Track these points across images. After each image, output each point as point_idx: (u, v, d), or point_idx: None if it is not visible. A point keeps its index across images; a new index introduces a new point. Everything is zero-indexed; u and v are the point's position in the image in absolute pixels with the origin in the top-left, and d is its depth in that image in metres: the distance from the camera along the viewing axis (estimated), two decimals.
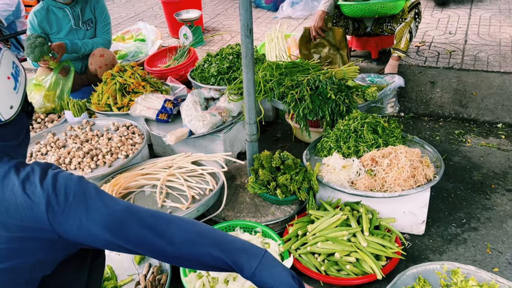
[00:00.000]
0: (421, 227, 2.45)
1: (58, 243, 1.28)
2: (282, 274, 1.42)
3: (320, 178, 2.47)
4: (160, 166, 2.77)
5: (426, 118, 3.74)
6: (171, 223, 1.37)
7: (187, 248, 1.36)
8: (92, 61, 3.75)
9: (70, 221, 1.24)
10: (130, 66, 3.59)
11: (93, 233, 1.27)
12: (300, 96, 2.90)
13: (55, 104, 3.44)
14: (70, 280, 1.48)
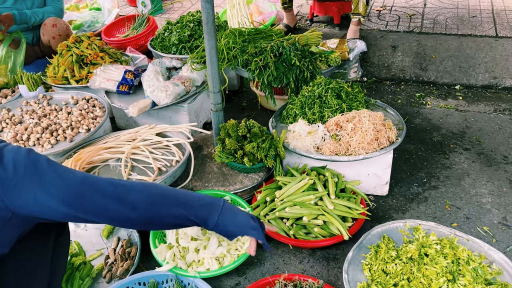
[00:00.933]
0: (385, 188, 2.53)
1: (12, 220, 1.24)
2: (243, 218, 1.55)
3: (286, 145, 2.49)
4: (124, 139, 2.71)
5: (388, 82, 3.81)
6: (131, 189, 1.37)
7: (151, 211, 1.38)
8: (44, 32, 3.55)
9: (23, 196, 1.21)
10: (87, 37, 3.43)
11: (50, 206, 1.24)
12: (264, 63, 2.87)
13: (8, 78, 3.27)
14: (33, 258, 1.45)
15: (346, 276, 1.88)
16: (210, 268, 1.99)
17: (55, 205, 1.25)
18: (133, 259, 2.13)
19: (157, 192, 1.42)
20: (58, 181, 1.25)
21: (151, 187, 1.44)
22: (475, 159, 2.79)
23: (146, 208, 1.37)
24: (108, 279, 2.05)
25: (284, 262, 2.17)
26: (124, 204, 1.34)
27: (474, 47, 3.71)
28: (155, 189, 1.43)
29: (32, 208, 1.23)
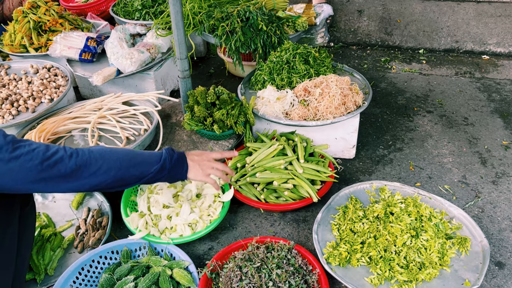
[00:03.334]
0: (352, 151, 2.60)
1: None
2: (181, 166, 1.70)
3: (255, 111, 2.50)
4: (89, 109, 2.64)
5: (355, 47, 3.84)
6: (77, 159, 1.40)
7: (93, 179, 1.44)
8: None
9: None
10: (44, 2, 3.26)
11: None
12: (231, 29, 2.83)
13: None
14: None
15: (316, 237, 1.95)
16: (183, 234, 2.01)
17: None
18: (104, 228, 2.12)
19: (98, 157, 1.45)
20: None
21: (96, 152, 1.46)
22: (437, 121, 2.89)
23: (90, 177, 1.43)
24: (80, 249, 2.04)
25: (256, 225, 2.22)
26: (69, 178, 1.38)
27: (437, 11, 3.77)
28: (100, 154, 1.46)
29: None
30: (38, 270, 1.92)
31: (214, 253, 2.06)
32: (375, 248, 1.85)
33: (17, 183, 1.30)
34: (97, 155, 1.45)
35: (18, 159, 1.29)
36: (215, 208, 2.14)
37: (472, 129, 2.80)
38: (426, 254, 1.82)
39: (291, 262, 1.82)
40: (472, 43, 3.68)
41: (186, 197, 2.15)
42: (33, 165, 1.30)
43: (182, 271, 1.83)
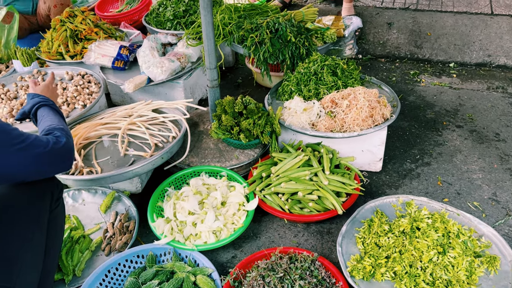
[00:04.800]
0: (379, 164, 2.58)
1: None
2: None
3: (282, 122, 2.51)
4: (120, 115, 2.71)
5: (383, 59, 3.81)
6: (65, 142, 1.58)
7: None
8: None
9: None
10: (81, 11, 3.39)
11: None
12: (260, 40, 2.86)
13: (1, 53, 3.23)
14: (28, 230, 1.49)
15: (340, 249, 1.94)
16: (207, 241, 2.04)
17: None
18: (131, 232, 2.17)
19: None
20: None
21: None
22: (467, 136, 2.83)
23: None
24: (107, 252, 2.09)
25: (280, 236, 2.22)
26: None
27: (469, 25, 3.72)
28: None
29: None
30: (66, 271, 1.98)
31: (237, 262, 2.07)
32: (400, 263, 1.82)
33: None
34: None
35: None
36: (239, 216, 2.15)
37: (504, 146, 2.73)
38: (453, 272, 1.78)
39: (314, 274, 1.81)
40: (505, 58, 3.60)
41: (211, 204, 2.18)
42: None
43: (206, 278, 1.84)
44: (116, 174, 2.21)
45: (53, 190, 1.65)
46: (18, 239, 1.46)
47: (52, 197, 1.65)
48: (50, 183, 1.65)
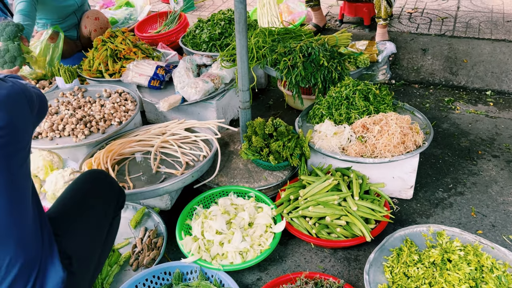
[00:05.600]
0: (409, 191, 2.53)
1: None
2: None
3: (312, 145, 2.52)
4: (154, 133, 2.79)
5: (417, 85, 3.77)
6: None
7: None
8: (87, 24, 3.69)
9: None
10: (121, 32, 3.54)
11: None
12: (293, 63, 2.90)
13: (46, 70, 3.40)
14: (95, 218, 1.66)
15: (367, 277, 1.90)
16: (233, 262, 2.04)
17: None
18: (159, 249, 2.20)
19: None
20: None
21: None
22: (503, 167, 2.75)
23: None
24: (135, 267, 2.13)
25: (306, 260, 2.21)
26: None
27: (508, 53, 3.64)
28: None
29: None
30: (95, 284, 2.02)
31: (262, 284, 2.06)
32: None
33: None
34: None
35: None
36: (266, 238, 2.15)
37: None
38: None
39: None
40: None
41: (239, 224, 2.19)
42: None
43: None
44: (147, 191, 2.27)
45: (118, 198, 1.82)
46: (86, 222, 1.63)
47: (117, 204, 1.81)
48: (117, 191, 1.83)
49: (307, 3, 4.14)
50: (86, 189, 1.73)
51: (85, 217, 1.64)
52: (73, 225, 1.58)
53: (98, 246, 1.67)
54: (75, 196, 1.69)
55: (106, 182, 1.80)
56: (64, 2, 3.63)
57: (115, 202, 1.79)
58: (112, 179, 1.86)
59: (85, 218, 1.64)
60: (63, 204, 1.65)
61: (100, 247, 1.68)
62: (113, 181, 1.85)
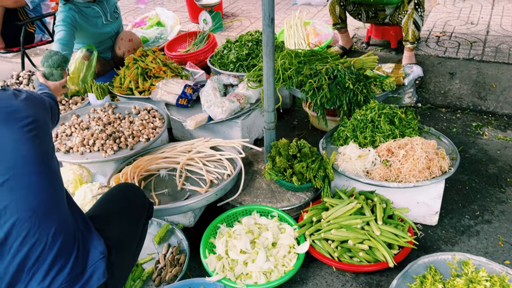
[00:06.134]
0: (434, 217, 2.49)
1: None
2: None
3: (335, 167, 2.52)
4: (180, 150, 2.85)
5: (444, 109, 3.74)
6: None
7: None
8: (121, 46, 3.84)
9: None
10: (152, 51, 3.66)
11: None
12: (318, 85, 2.93)
13: (79, 86, 3.53)
14: (130, 220, 1.84)
15: None
16: (258, 282, 2.05)
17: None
18: (181, 266, 2.23)
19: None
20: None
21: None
22: None
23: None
24: (157, 282, 2.16)
25: (327, 283, 2.19)
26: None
27: None
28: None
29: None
30: None
31: None
32: None
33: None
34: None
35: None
36: (290, 259, 2.15)
37: None
38: None
39: None
40: None
41: (263, 244, 2.20)
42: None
43: None
44: (172, 207, 2.31)
45: (148, 208, 1.98)
46: (122, 223, 1.79)
47: (147, 213, 1.97)
48: (147, 201, 2.00)
49: (334, 26, 4.19)
50: (121, 196, 1.93)
51: (120, 217, 1.81)
52: (110, 221, 1.75)
53: (131, 246, 1.81)
54: (112, 201, 1.89)
55: (138, 193, 2.00)
56: (101, 29, 3.78)
57: (146, 211, 1.95)
58: (142, 191, 2.05)
59: (121, 218, 1.81)
60: (99, 205, 1.86)
61: (133, 250, 1.82)
62: (143, 192, 2.05)
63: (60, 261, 1.43)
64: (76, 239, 1.50)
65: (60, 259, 1.43)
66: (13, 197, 1.38)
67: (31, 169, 1.42)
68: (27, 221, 1.38)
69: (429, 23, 4.82)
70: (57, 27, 3.46)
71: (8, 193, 1.38)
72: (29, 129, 1.46)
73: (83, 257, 1.50)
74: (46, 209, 1.42)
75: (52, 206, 1.45)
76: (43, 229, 1.40)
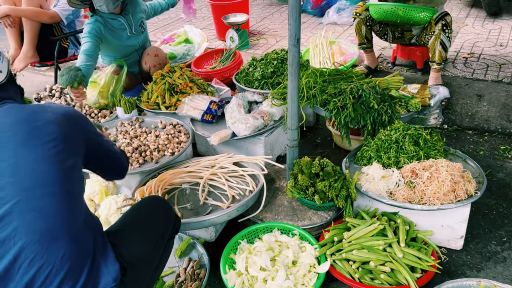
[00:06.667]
0: (459, 242, 2.44)
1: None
2: None
3: (358, 187, 2.51)
4: (203, 165, 2.89)
5: (471, 131, 3.67)
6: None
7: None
8: (147, 60, 3.95)
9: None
10: (179, 67, 3.74)
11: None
12: (343, 104, 2.94)
13: (108, 100, 3.64)
14: (153, 234, 1.82)
15: None
16: None
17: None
18: (201, 280, 2.24)
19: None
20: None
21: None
22: None
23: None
24: None
25: None
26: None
27: None
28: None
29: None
30: None
31: None
32: None
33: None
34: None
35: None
36: (310, 278, 2.14)
37: None
38: None
39: None
40: None
41: (283, 262, 2.19)
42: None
43: None
44: (194, 222, 2.34)
45: (175, 222, 1.98)
46: (142, 236, 1.78)
47: (173, 227, 1.96)
48: (174, 215, 1.99)
49: (360, 45, 4.20)
50: (148, 210, 1.92)
51: (144, 232, 1.80)
52: (131, 237, 1.73)
53: (152, 262, 1.79)
54: (137, 214, 1.88)
55: (166, 206, 1.99)
56: (126, 42, 3.89)
57: (172, 225, 1.95)
58: (170, 206, 2.04)
59: (145, 233, 1.80)
60: (124, 219, 1.84)
61: (154, 265, 1.81)
62: (171, 207, 2.04)
63: (67, 285, 1.41)
64: (88, 262, 1.47)
65: (67, 283, 1.41)
66: (23, 219, 1.38)
67: (44, 191, 1.42)
68: (35, 244, 1.38)
69: (456, 44, 4.78)
70: (83, 38, 3.59)
71: (18, 215, 1.38)
72: (52, 146, 1.46)
73: (93, 282, 1.46)
74: (56, 232, 1.41)
75: (63, 229, 1.43)
76: (51, 252, 1.39)
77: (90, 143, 1.70)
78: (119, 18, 3.76)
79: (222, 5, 5.59)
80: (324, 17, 6.00)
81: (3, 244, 1.38)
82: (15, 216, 1.38)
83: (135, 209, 1.91)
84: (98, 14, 3.68)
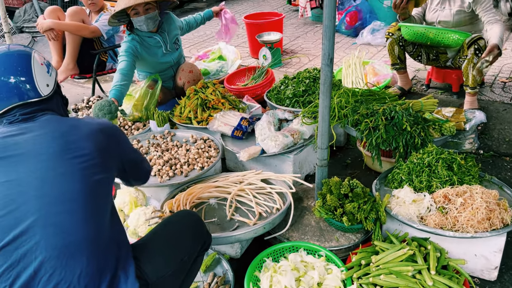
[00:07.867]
0: (494, 272, 2.34)
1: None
2: None
3: (388, 210, 2.46)
4: (232, 181, 2.90)
5: (508, 158, 3.55)
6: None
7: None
8: (182, 76, 4.04)
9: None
10: (212, 84, 3.81)
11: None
12: (375, 125, 2.91)
13: (142, 113, 3.74)
14: (180, 252, 1.79)
15: None
16: None
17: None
18: None
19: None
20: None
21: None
22: None
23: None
24: None
25: None
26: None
27: None
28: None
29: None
30: None
31: None
32: None
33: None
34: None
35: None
36: None
37: None
38: None
39: None
40: None
41: (308, 283, 2.16)
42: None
43: None
44: (220, 237, 2.34)
45: (205, 240, 1.96)
46: (174, 258, 1.75)
47: (203, 245, 1.94)
48: (205, 233, 1.98)
49: (393, 66, 4.17)
50: (179, 225, 1.90)
51: (172, 248, 1.77)
52: (157, 253, 1.71)
53: (177, 280, 1.77)
54: (167, 229, 1.86)
55: (198, 223, 1.97)
56: (161, 59, 4.00)
57: (202, 242, 1.93)
58: (203, 222, 2.02)
59: (172, 249, 1.77)
60: (154, 233, 1.83)
61: (179, 282, 1.79)
62: (204, 224, 2.01)
63: None
64: (107, 279, 1.46)
65: None
66: (44, 233, 1.40)
67: (64, 208, 1.43)
68: (54, 259, 1.39)
69: (494, 68, 4.66)
70: (120, 57, 3.69)
71: (40, 229, 1.40)
72: (81, 161, 1.48)
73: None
74: (74, 250, 1.42)
75: (81, 246, 1.43)
76: (69, 269, 1.40)
77: (124, 156, 1.74)
78: (155, 36, 3.87)
79: (257, 24, 5.68)
80: (358, 38, 6.00)
81: (25, 257, 1.40)
82: (37, 230, 1.40)
83: (167, 223, 1.90)
84: (135, 33, 3.80)
